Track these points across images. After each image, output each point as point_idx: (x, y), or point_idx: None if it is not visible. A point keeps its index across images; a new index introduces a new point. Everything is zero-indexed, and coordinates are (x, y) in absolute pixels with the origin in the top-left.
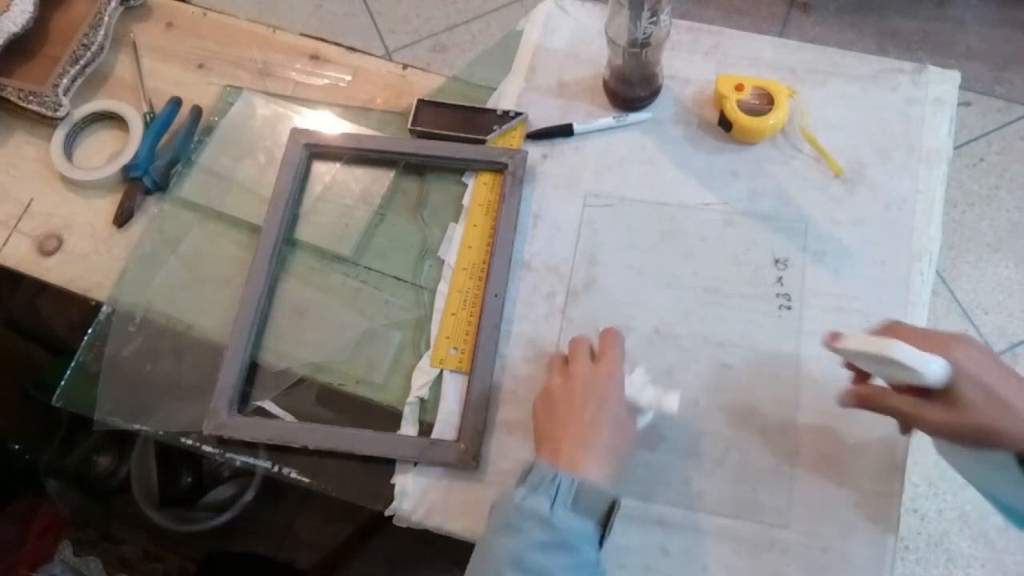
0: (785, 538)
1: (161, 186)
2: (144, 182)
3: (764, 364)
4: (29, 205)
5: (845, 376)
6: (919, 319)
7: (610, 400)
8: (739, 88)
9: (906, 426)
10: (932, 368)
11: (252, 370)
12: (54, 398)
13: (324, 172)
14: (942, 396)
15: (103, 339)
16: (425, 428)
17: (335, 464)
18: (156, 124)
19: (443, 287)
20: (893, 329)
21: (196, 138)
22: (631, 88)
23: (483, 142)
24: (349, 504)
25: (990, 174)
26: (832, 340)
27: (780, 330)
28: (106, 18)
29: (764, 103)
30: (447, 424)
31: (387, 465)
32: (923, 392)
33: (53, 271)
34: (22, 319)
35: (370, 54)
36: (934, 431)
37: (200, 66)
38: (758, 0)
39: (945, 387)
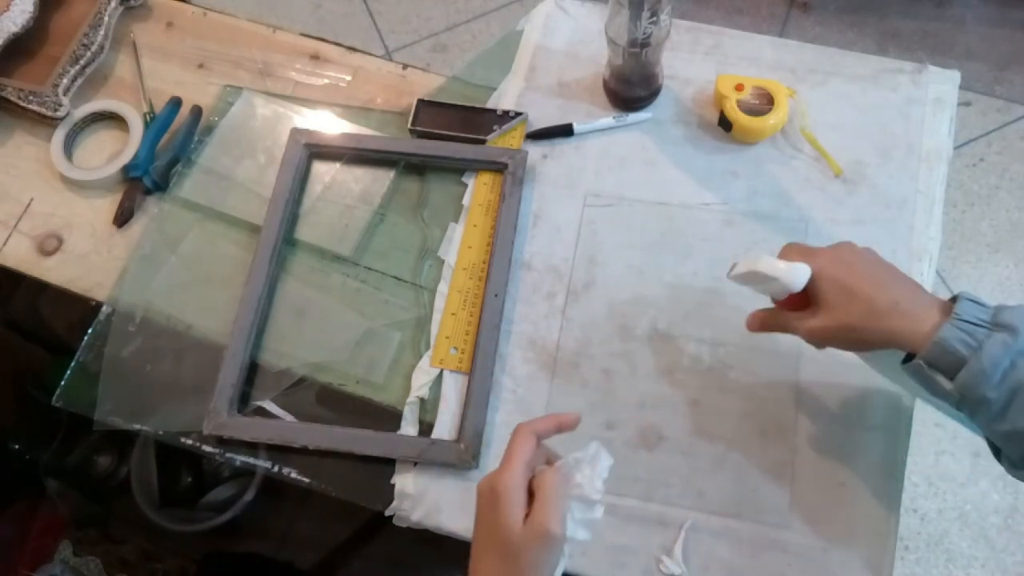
0: (785, 538)
1: (161, 186)
2: (144, 182)
3: (764, 364)
4: (29, 205)
5: (844, 372)
6: None
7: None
8: (739, 88)
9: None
10: (792, 274)
11: (252, 370)
12: (54, 398)
13: (324, 172)
14: (813, 303)
15: (103, 339)
16: (425, 428)
17: (335, 464)
18: (156, 124)
19: (443, 287)
20: (785, 250)
21: (196, 138)
22: (631, 88)
23: (483, 142)
24: (349, 504)
25: (990, 174)
26: (730, 272)
27: None
28: (106, 18)
29: (764, 103)
30: (447, 424)
31: (387, 465)
32: (806, 305)
33: (53, 271)
34: (22, 319)
35: (370, 54)
36: (811, 337)
37: (200, 66)
38: (758, 0)
39: (811, 292)
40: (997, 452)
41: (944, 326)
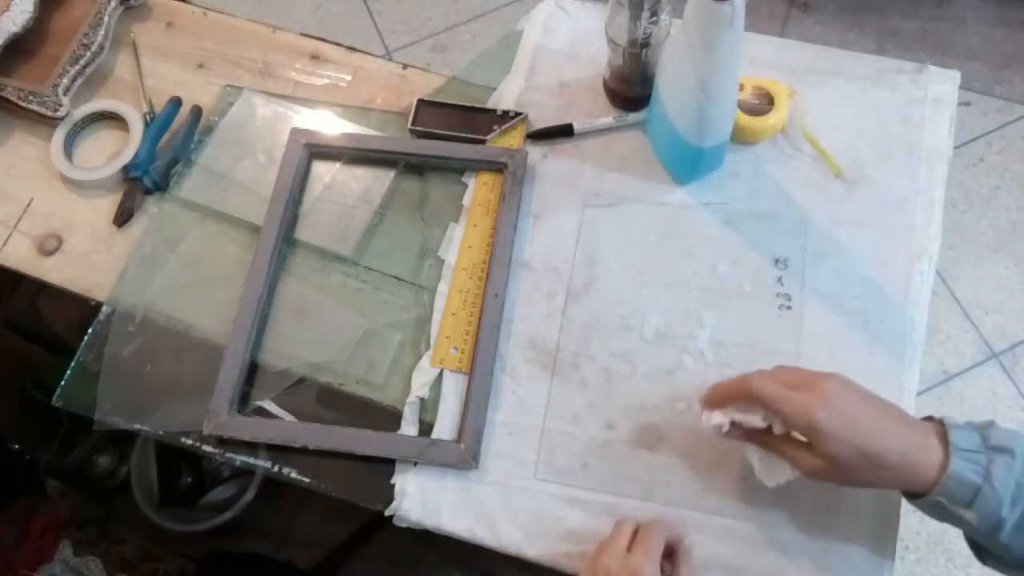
0: (785, 538)
1: (161, 186)
2: (144, 182)
3: (764, 364)
4: (29, 205)
5: (844, 373)
6: (919, 319)
7: None
8: (739, 88)
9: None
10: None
11: (252, 370)
12: (54, 398)
13: (324, 172)
14: (814, 446)
15: (103, 339)
16: (425, 428)
17: (335, 464)
18: (156, 124)
19: (443, 287)
20: (776, 370)
21: (196, 138)
22: (631, 88)
23: (483, 142)
24: (349, 504)
25: (990, 174)
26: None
27: (780, 330)
28: (106, 18)
29: (764, 103)
30: (447, 424)
31: (387, 465)
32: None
33: (53, 271)
34: (22, 319)
35: (370, 54)
36: (814, 476)
37: (200, 66)
38: (758, 0)
39: (810, 438)
40: (979, 552)
41: (952, 460)
